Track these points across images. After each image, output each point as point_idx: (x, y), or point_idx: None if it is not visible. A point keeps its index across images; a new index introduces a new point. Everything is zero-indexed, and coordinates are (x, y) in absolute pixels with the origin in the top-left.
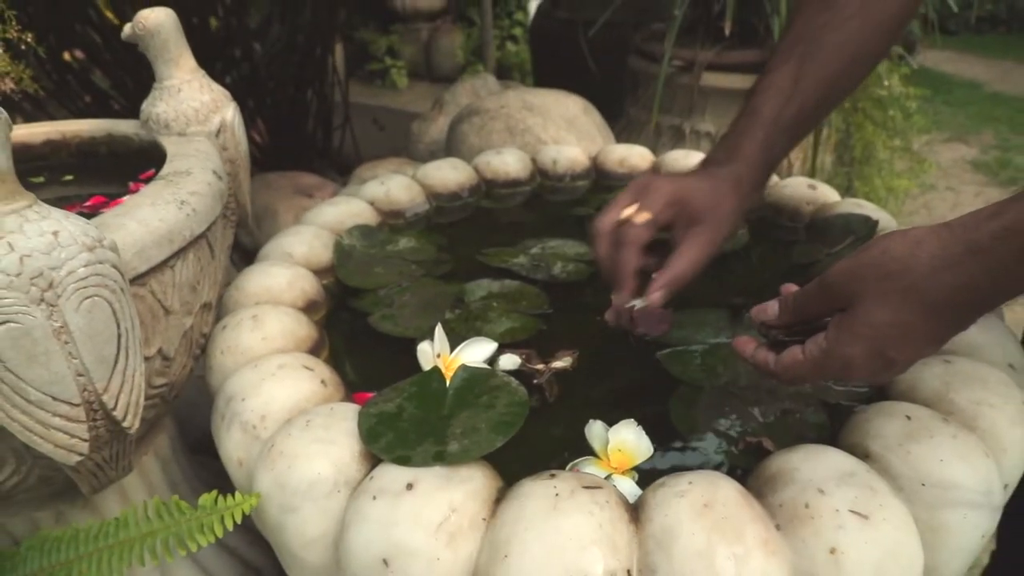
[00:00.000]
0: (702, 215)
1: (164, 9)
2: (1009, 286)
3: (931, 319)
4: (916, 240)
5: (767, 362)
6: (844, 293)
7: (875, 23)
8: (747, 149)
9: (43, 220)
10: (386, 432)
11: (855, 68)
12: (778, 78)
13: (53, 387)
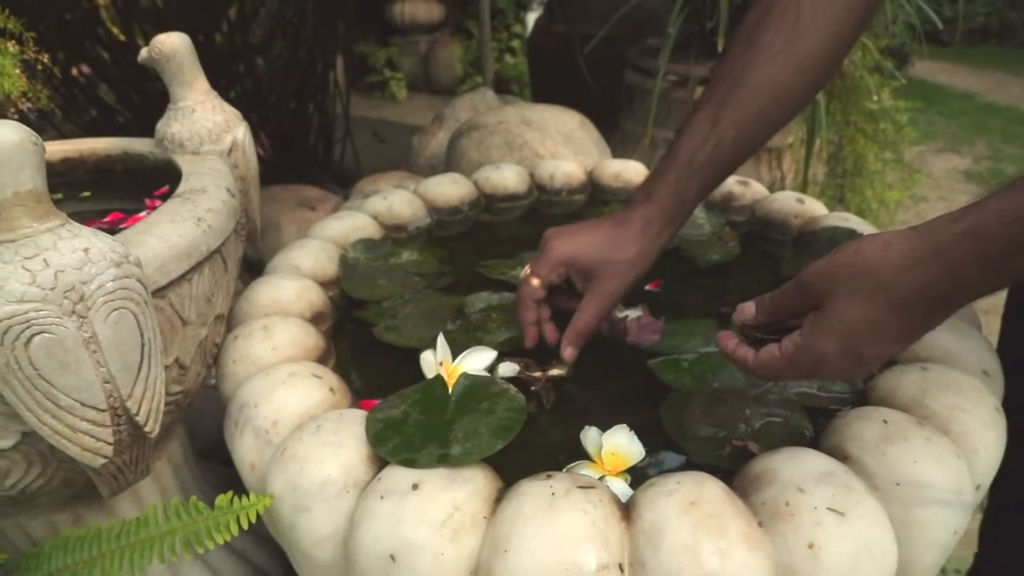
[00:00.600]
0: (595, 269)
1: (179, 34)
2: (971, 285)
3: (900, 317)
4: (886, 243)
5: (746, 359)
6: (819, 292)
7: (797, 64)
8: (659, 191)
9: (75, 238)
10: (392, 436)
11: (776, 108)
12: (696, 120)
13: (82, 393)
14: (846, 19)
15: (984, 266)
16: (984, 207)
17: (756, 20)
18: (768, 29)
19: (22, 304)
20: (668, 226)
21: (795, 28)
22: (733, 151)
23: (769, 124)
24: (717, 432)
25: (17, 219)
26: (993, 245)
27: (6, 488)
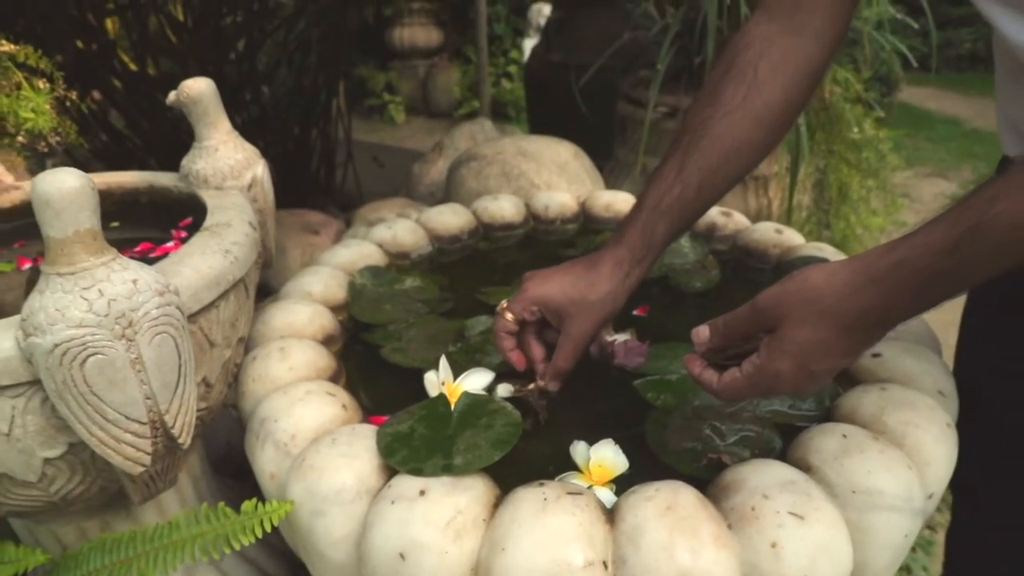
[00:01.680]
0: (567, 309)
1: (205, 80)
2: (903, 308)
3: (844, 336)
4: (830, 272)
5: (712, 382)
6: (772, 316)
7: (755, 118)
8: (628, 234)
9: (125, 270)
10: (401, 448)
11: (736, 158)
12: (664, 168)
13: (127, 408)
14: (799, 79)
15: (913, 292)
16: (911, 241)
17: (719, 76)
18: (729, 85)
19: (80, 329)
20: (636, 266)
21: (753, 85)
22: (698, 196)
23: (730, 172)
24: (695, 446)
25: (77, 254)
26: (919, 274)
27: (50, 494)
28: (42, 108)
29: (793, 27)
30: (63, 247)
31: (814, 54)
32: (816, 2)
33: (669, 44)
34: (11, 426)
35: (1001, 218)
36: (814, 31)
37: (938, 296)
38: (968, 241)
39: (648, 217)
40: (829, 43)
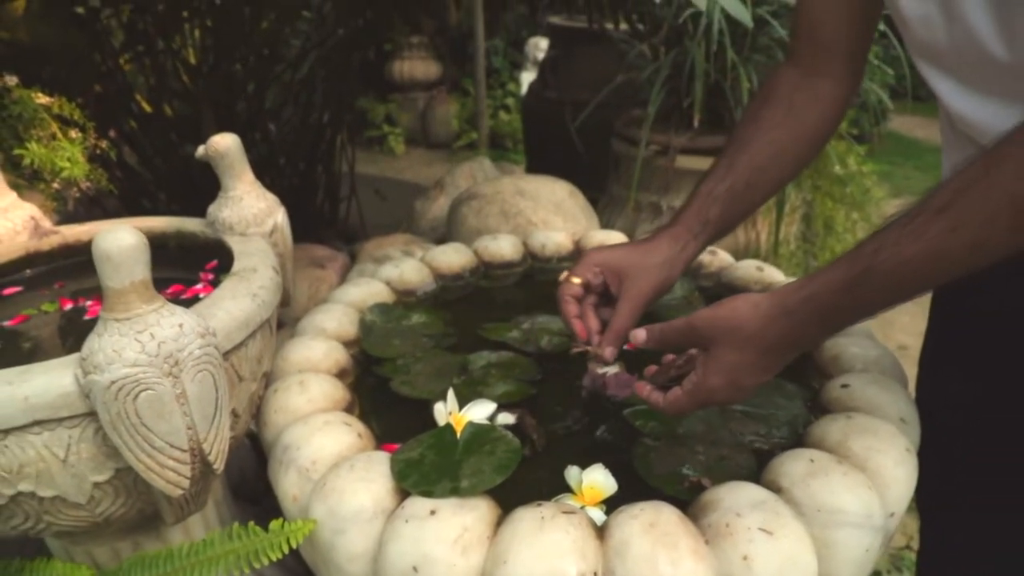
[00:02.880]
0: (627, 271)
1: (231, 136)
2: (812, 335)
3: (765, 357)
4: (754, 303)
5: (658, 401)
6: (704, 336)
7: (794, 134)
8: (683, 216)
9: (172, 315)
10: (412, 473)
11: (780, 161)
12: (716, 166)
13: (171, 437)
14: (827, 111)
15: (819, 322)
16: (816, 280)
17: (758, 105)
18: (769, 109)
19: (134, 368)
20: (692, 240)
21: (790, 111)
22: (747, 189)
23: (774, 175)
24: (678, 470)
25: (132, 302)
26: (823, 308)
27: (96, 515)
28: (76, 158)
29: (817, 72)
30: (120, 296)
31: (837, 93)
32: (830, 52)
33: (660, 86)
34: (67, 453)
35: (885, 264)
36: (837, 74)
37: (840, 325)
38: (860, 283)
39: (702, 202)
40: (850, 81)
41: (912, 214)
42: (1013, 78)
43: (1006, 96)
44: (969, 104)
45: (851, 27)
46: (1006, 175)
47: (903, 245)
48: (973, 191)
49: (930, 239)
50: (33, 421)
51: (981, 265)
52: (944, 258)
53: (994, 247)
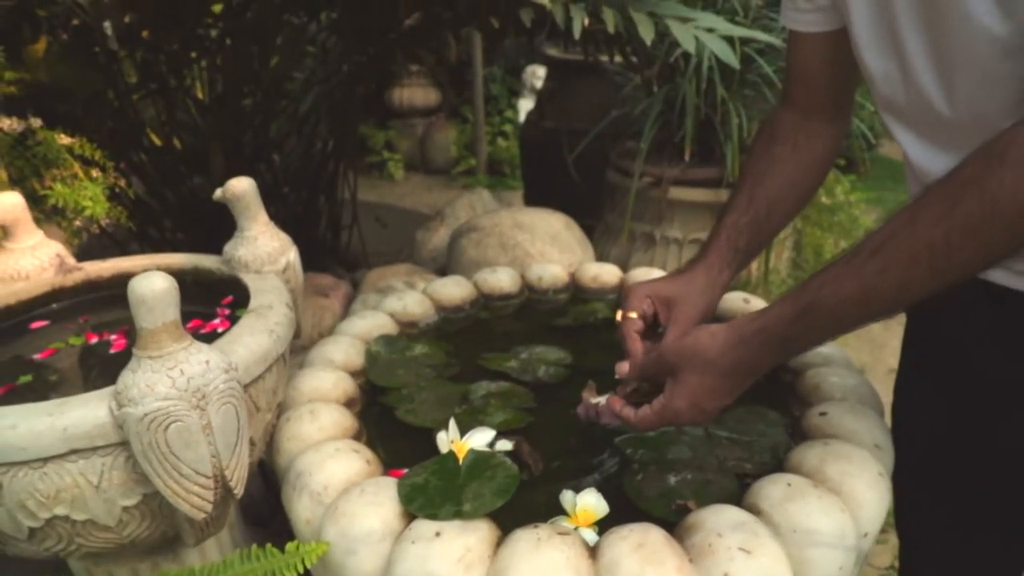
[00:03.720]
0: (674, 298)
1: (247, 179)
2: (766, 362)
3: (725, 382)
4: (713, 333)
5: (630, 416)
6: (672, 364)
7: (801, 167)
8: (713, 247)
9: (199, 353)
10: (418, 497)
11: (793, 192)
12: (735, 200)
13: (197, 464)
14: (825, 149)
15: (771, 350)
16: (768, 313)
17: (766, 144)
18: (776, 146)
19: (165, 401)
20: (726, 267)
21: (796, 147)
22: (767, 218)
23: (788, 204)
24: (666, 494)
25: (164, 341)
26: (774, 338)
27: (123, 536)
28: (98, 197)
29: (812, 113)
30: (153, 336)
31: (832, 129)
32: (821, 99)
33: (652, 121)
34: (100, 479)
35: (827, 300)
36: (829, 114)
37: (791, 352)
38: (805, 315)
39: (729, 233)
40: (841, 121)
41: (851, 254)
42: (958, 133)
43: (956, 149)
44: (926, 155)
45: (837, 72)
46: (925, 223)
47: (842, 282)
48: (899, 236)
49: (864, 277)
50: (71, 450)
51: (911, 302)
52: (876, 295)
53: (918, 287)
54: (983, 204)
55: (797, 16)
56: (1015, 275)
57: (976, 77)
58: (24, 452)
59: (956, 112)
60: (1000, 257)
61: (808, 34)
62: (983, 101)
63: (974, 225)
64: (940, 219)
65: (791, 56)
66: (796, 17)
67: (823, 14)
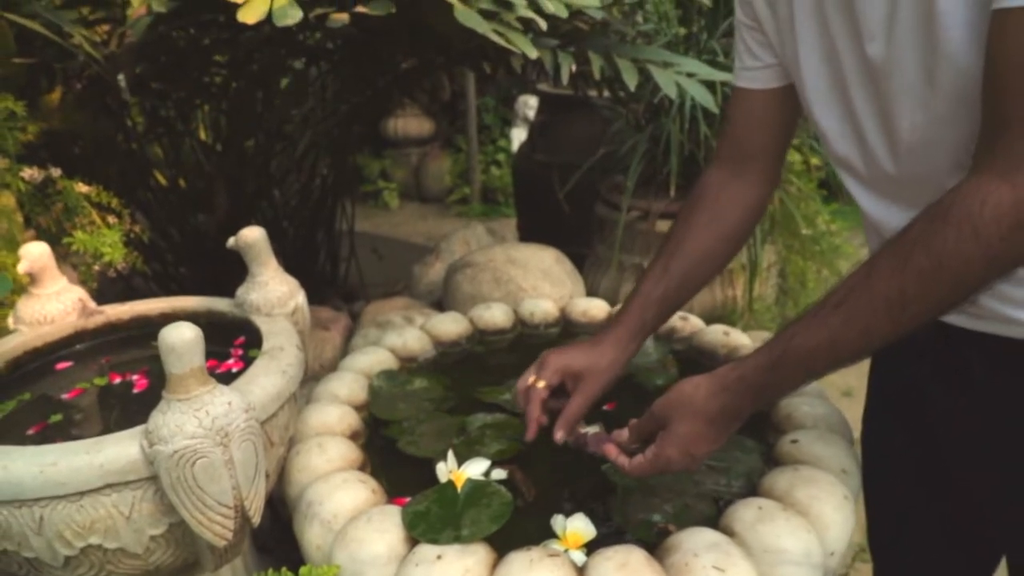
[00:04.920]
0: (582, 374)
1: (258, 228)
2: (748, 407)
3: (710, 428)
4: (696, 384)
5: (624, 464)
6: (663, 417)
7: (719, 235)
8: (626, 317)
9: (222, 395)
10: (420, 523)
11: (707, 263)
12: (652, 269)
13: (220, 496)
14: (748, 211)
15: (751, 396)
16: (747, 362)
17: (690, 207)
18: (698, 211)
19: (192, 439)
20: (632, 341)
21: (717, 213)
22: (678, 292)
23: (701, 275)
24: (649, 517)
25: (191, 385)
26: (752, 385)
27: (148, 563)
28: (116, 243)
29: (740, 176)
30: (181, 380)
31: (757, 195)
32: (752, 160)
33: (638, 160)
34: (131, 511)
35: (798, 349)
36: (755, 179)
37: (770, 397)
38: (779, 364)
39: (641, 305)
40: (767, 186)
41: (818, 306)
42: (906, 189)
43: (906, 204)
44: (876, 207)
45: (772, 135)
46: (881, 278)
47: (810, 333)
48: (858, 290)
49: (830, 328)
50: (105, 484)
51: (875, 348)
52: (842, 344)
53: (879, 335)
54: (931, 260)
55: (744, 73)
56: (969, 317)
57: (918, 141)
58: (63, 487)
59: (902, 171)
60: (952, 306)
61: (752, 90)
62: (925, 163)
63: (925, 279)
64: (894, 274)
65: (731, 112)
66: (743, 74)
67: (770, 71)
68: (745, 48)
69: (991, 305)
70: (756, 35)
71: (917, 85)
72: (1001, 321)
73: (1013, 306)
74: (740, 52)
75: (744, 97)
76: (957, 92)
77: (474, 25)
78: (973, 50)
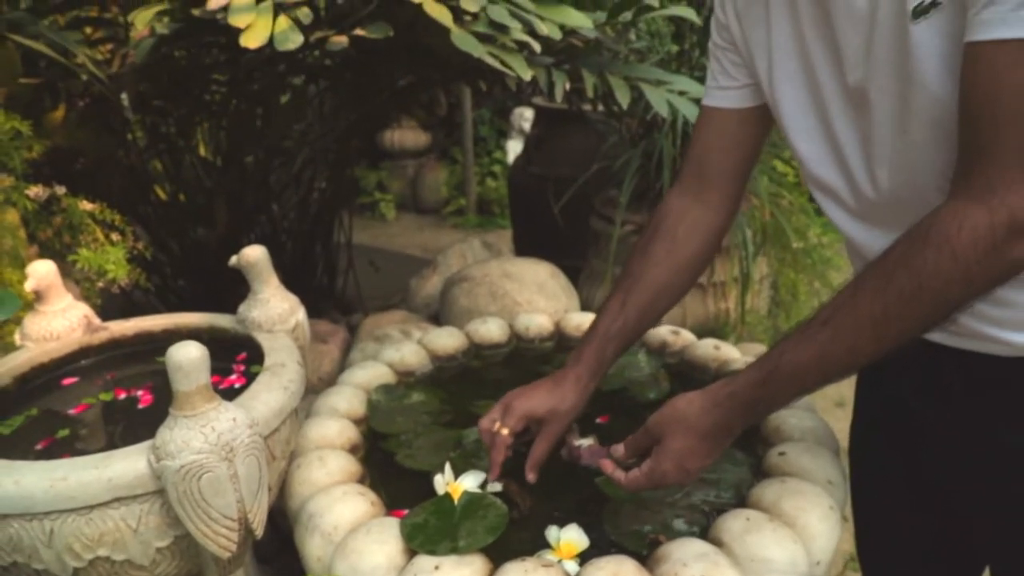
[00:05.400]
0: (546, 417)
1: (260, 247)
2: (739, 423)
3: (704, 443)
4: (689, 400)
5: (621, 479)
6: (657, 432)
7: (676, 267)
8: (585, 355)
9: (227, 412)
10: (419, 535)
11: (664, 296)
12: (611, 303)
13: (225, 509)
14: (707, 239)
15: (742, 412)
16: (737, 379)
17: (649, 237)
18: (657, 243)
19: (199, 455)
20: (592, 380)
21: (674, 244)
22: (636, 326)
23: (659, 307)
24: (640, 528)
25: (197, 402)
26: (744, 401)
27: (154, 575)
28: (120, 261)
29: (701, 201)
30: (188, 397)
31: (717, 221)
32: (715, 183)
33: (632, 174)
34: (138, 523)
35: (787, 366)
36: (716, 204)
37: (761, 412)
38: (770, 380)
39: (600, 342)
40: (727, 211)
41: (806, 325)
42: (885, 212)
43: (885, 226)
44: (856, 229)
45: (739, 157)
46: (865, 298)
47: (799, 350)
48: (844, 309)
49: (818, 345)
50: (114, 498)
51: (862, 364)
52: (830, 360)
53: (865, 352)
54: (912, 280)
55: (716, 92)
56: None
57: (898, 166)
58: (73, 500)
59: (883, 196)
60: (933, 324)
61: (724, 109)
62: (906, 187)
63: (906, 299)
64: (878, 294)
65: (699, 132)
66: (715, 93)
67: (744, 91)
68: (720, 68)
69: (970, 323)
70: (732, 56)
71: (896, 112)
72: (980, 339)
73: (990, 324)
74: (714, 72)
75: (714, 116)
76: (934, 119)
77: (470, 49)
78: (948, 80)
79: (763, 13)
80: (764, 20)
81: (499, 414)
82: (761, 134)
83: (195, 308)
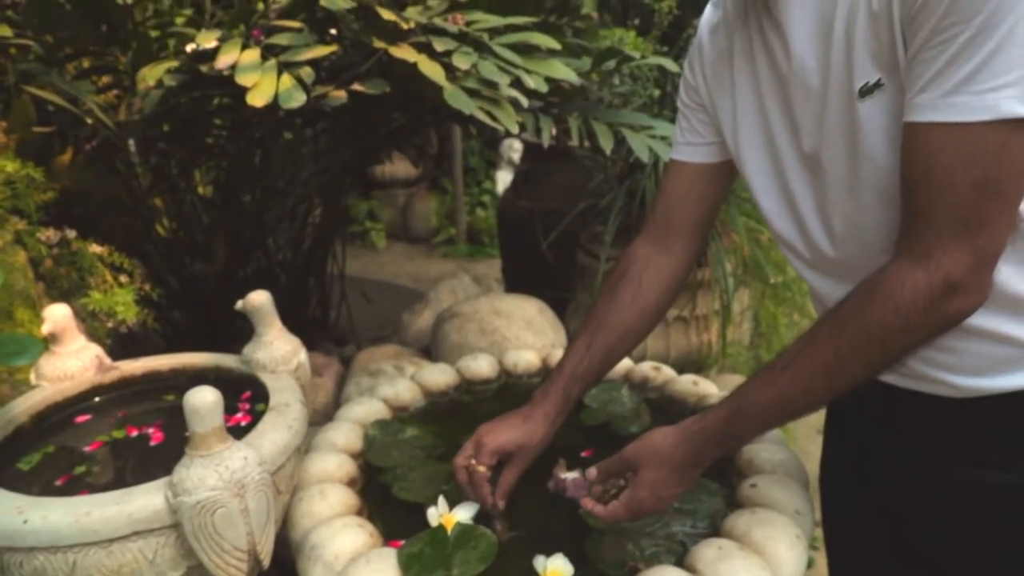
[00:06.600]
0: (516, 452)
1: (264, 293)
2: (709, 455)
3: (676, 474)
4: (664, 434)
5: (600, 512)
6: (632, 463)
7: (640, 311)
8: (552, 393)
9: (239, 451)
10: (415, 564)
11: (628, 338)
12: (577, 343)
13: (236, 541)
14: (670, 286)
15: (712, 447)
16: (708, 415)
17: (615, 280)
18: (623, 287)
19: (213, 491)
20: (560, 416)
21: (639, 289)
22: (601, 366)
23: (623, 348)
24: (622, 557)
25: (212, 443)
26: (712, 437)
27: None
28: (128, 303)
29: (665, 250)
30: (203, 438)
31: (679, 269)
32: (679, 233)
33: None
34: (155, 555)
35: (752, 405)
36: (679, 254)
37: (729, 447)
38: (736, 418)
39: (567, 382)
40: (689, 260)
41: (769, 367)
42: (842, 268)
43: (845, 280)
44: (814, 279)
45: (703, 210)
46: (820, 346)
47: (762, 391)
48: (802, 355)
49: (779, 387)
50: (133, 532)
51: (819, 405)
52: (790, 401)
53: (821, 394)
54: (861, 331)
55: (684, 148)
56: (901, 376)
57: (850, 227)
58: (96, 534)
59: (838, 253)
60: (882, 368)
61: (691, 164)
62: (857, 246)
63: (857, 348)
64: (831, 341)
65: (666, 185)
66: (683, 148)
67: (711, 148)
68: (688, 126)
69: (917, 367)
70: (700, 115)
71: (846, 178)
72: (928, 381)
73: (937, 368)
74: (683, 128)
75: (681, 170)
76: (880, 186)
77: (461, 106)
78: (892, 152)
79: (728, 79)
80: (729, 86)
81: (472, 450)
82: (725, 188)
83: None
